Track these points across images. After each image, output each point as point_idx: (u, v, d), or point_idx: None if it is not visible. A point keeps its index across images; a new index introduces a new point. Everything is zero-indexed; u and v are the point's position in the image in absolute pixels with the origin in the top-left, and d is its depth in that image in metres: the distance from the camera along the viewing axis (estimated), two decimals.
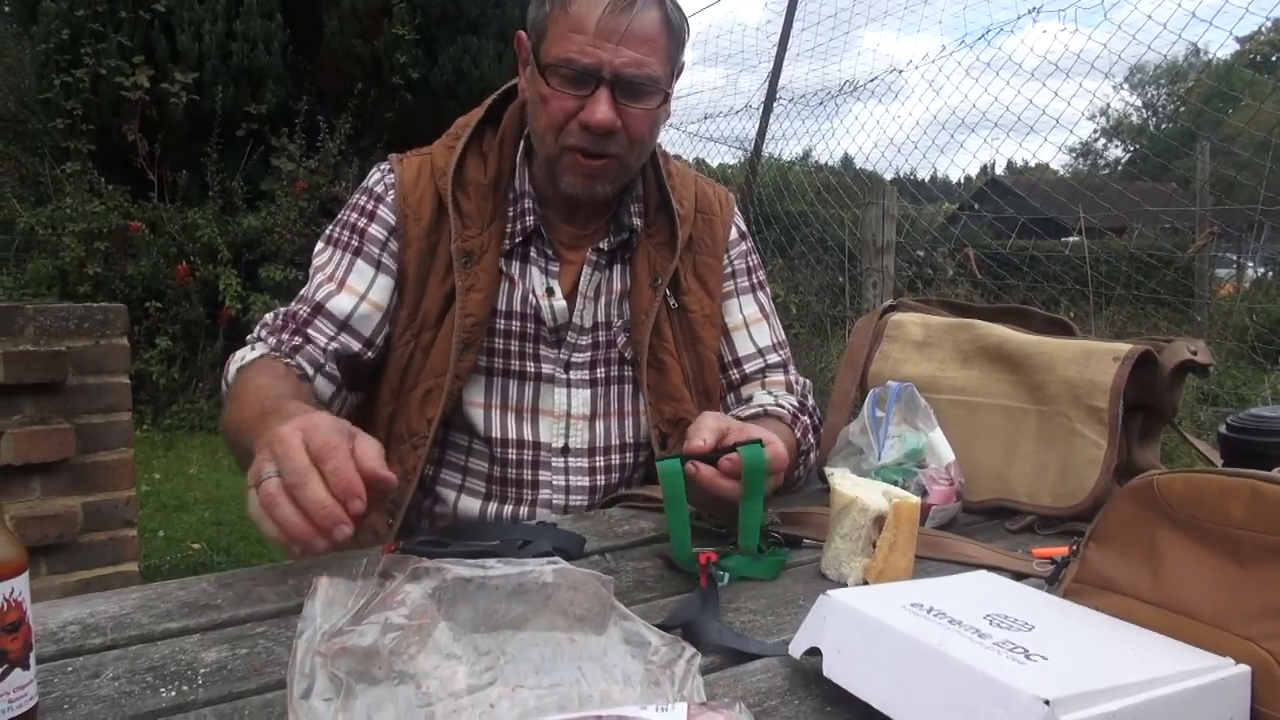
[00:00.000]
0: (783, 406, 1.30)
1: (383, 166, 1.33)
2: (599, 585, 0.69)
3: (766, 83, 6.04)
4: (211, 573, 0.92)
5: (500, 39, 6.95)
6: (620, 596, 0.88)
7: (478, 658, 0.64)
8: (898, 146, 5.15)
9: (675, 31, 1.18)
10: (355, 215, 1.29)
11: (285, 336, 1.22)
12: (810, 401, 1.39)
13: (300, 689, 0.59)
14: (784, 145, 6.32)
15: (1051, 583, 0.88)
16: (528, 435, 1.28)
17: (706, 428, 1.00)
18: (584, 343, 1.31)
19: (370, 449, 0.82)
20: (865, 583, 0.94)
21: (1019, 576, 0.96)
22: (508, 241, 1.27)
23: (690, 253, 1.34)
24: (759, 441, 0.96)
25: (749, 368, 1.39)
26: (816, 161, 6.53)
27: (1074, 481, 1.13)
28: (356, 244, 1.27)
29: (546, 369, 1.29)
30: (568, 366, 1.30)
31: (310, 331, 1.23)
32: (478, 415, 1.27)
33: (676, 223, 1.32)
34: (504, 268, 1.27)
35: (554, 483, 1.29)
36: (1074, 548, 0.84)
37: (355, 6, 6.80)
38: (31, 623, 0.66)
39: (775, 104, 6.08)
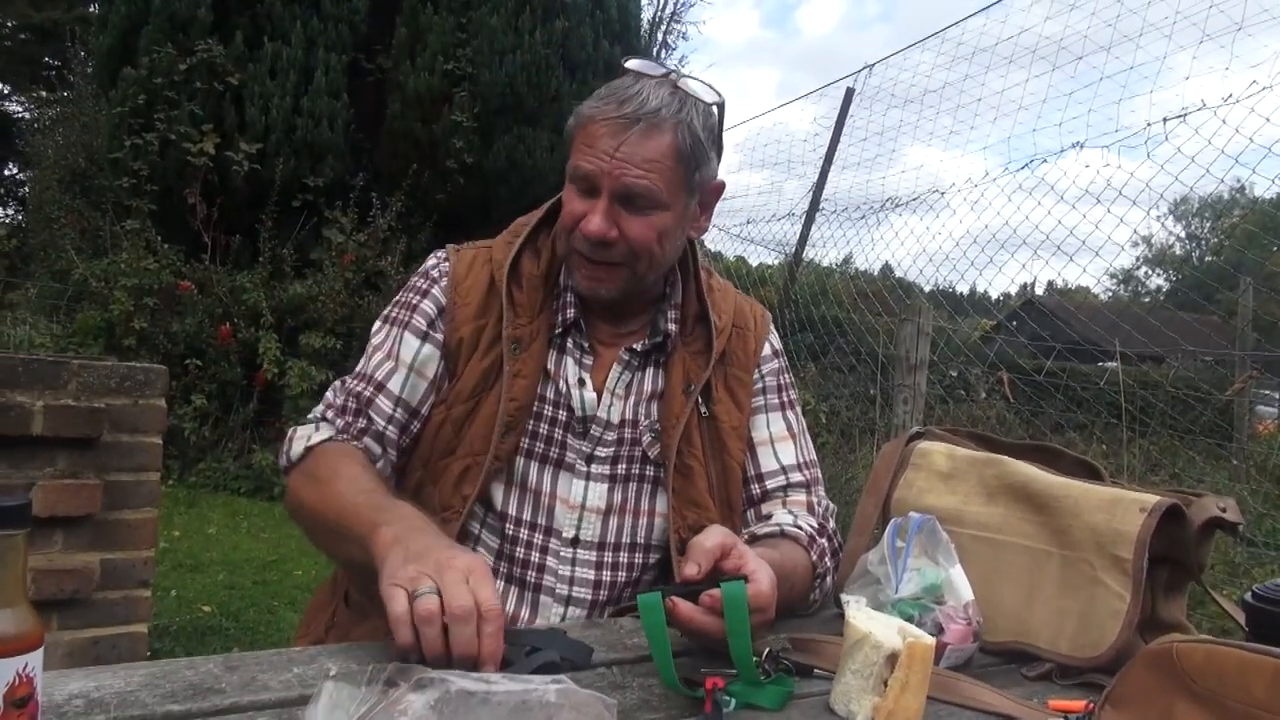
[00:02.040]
0: (800, 528, 1.29)
1: (439, 254, 1.40)
2: (602, 708, 0.69)
3: (810, 193, 6.15)
4: (219, 637, 0.93)
5: (554, 131, 7.17)
6: (624, 716, 0.87)
7: None
8: (936, 264, 5.19)
9: (686, 156, 1.24)
10: (410, 295, 1.37)
11: (350, 419, 1.30)
12: (831, 525, 1.37)
13: None
14: (824, 251, 6.40)
15: None
16: (541, 520, 1.30)
17: (703, 550, 1.00)
18: (609, 438, 1.32)
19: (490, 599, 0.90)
20: None
21: None
22: (550, 332, 1.33)
23: (723, 365, 1.37)
24: (743, 578, 0.96)
25: (770, 484, 1.38)
26: (855, 269, 6.60)
27: (1095, 632, 1.11)
28: (408, 319, 1.35)
29: (569, 458, 1.31)
30: (589, 459, 1.32)
31: (372, 413, 1.30)
32: (498, 492, 1.30)
33: (713, 333, 1.36)
34: (545, 361, 1.32)
35: (559, 571, 1.30)
36: (1090, 706, 0.82)
37: (419, 91, 7.07)
38: (40, 697, 0.66)
39: (818, 213, 6.18)
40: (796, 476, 1.39)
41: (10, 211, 16.68)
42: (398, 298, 1.38)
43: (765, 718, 0.93)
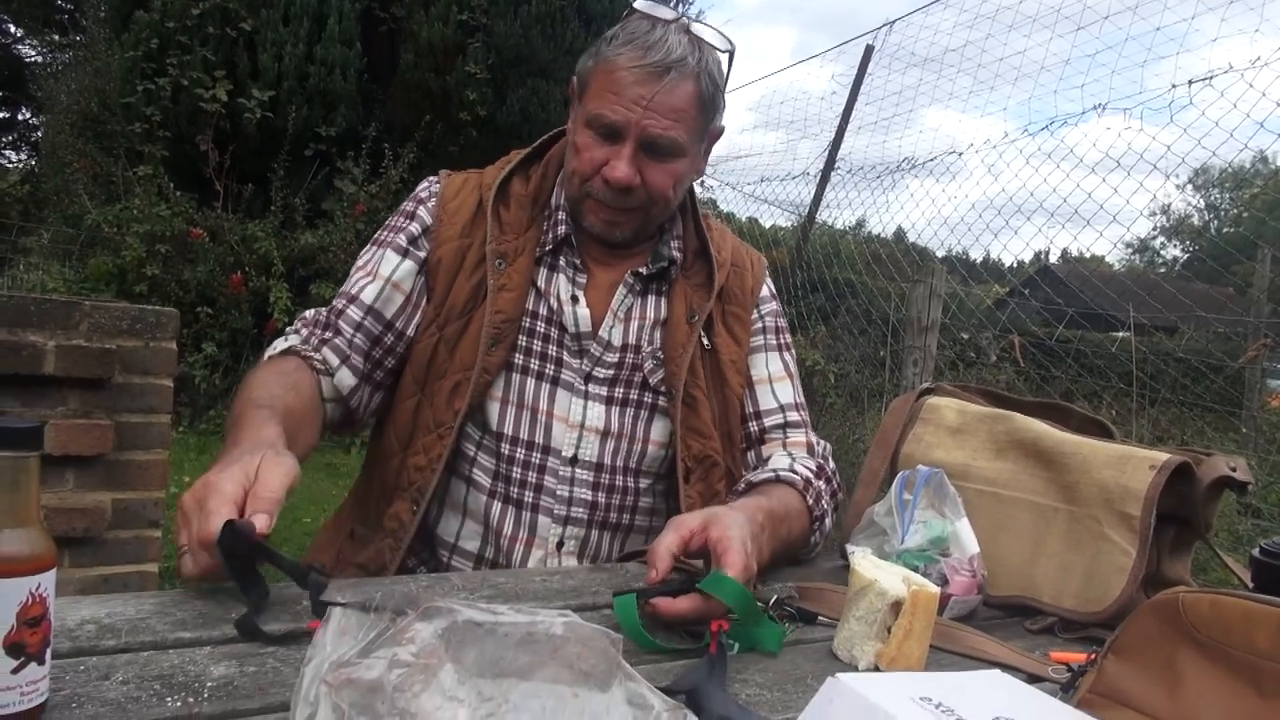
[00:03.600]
0: (797, 472, 1.30)
1: (431, 179, 1.43)
2: (608, 643, 0.69)
3: (826, 151, 6.09)
4: (227, 582, 0.94)
5: (568, 84, 7.08)
6: (628, 656, 0.87)
7: (480, 703, 0.64)
8: (951, 227, 5.15)
9: (707, 104, 1.27)
10: (397, 218, 1.39)
11: (317, 330, 1.31)
12: (830, 465, 1.39)
13: (303, 716, 0.59)
14: (838, 213, 6.35)
15: (1066, 690, 0.86)
16: (539, 438, 1.30)
17: (660, 555, 0.98)
18: (609, 359, 1.34)
19: (267, 483, 0.92)
20: (876, 668, 0.93)
21: (1034, 679, 0.94)
22: (539, 249, 1.34)
23: (722, 301, 1.40)
24: (718, 573, 0.94)
25: (769, 421, 1.40)
26: (869, 232, 6.55)
27: (1099, 587, 1.11)
28: (391, 239, 1.36)
29: (566, 376, 1.32)
30: (588, 379, 1.33)
31: (340, 322, 1.31)
32: (493, 409, 1.30)
33: (714, 267, 1.38)
34: (533, 275, 1.33)
35: (557, 491, 1.31)
36: (1092, 656, 0.83)
37: (432, 41, 6.99)
38: (52, 619, 0.67)
39: (833, 173, 6.12)
40: (794, 415, 1.41)
41: (23, 156, 16.66)
42: (388, 221, 1.40)
43: (769, 663, 0.94)
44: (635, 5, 1.26)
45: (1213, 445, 4.57)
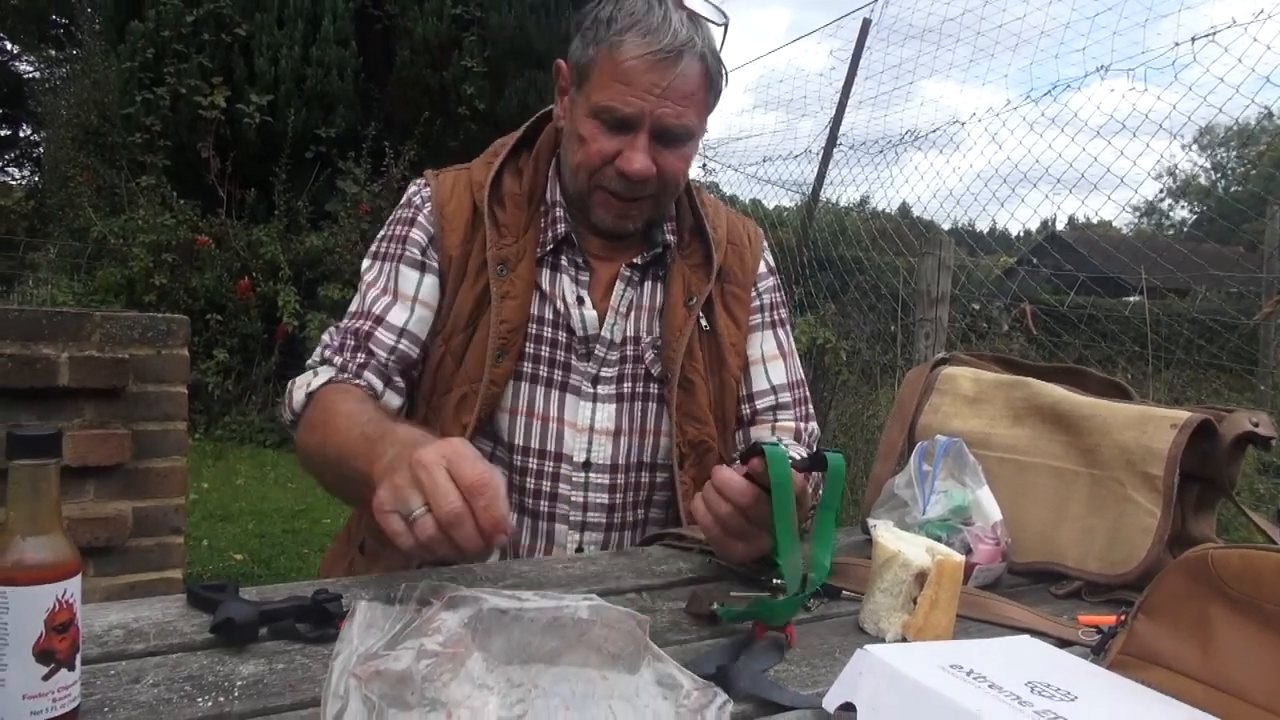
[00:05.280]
0: (792, 457, 1.30)
1: (419, 181, 1.37)
2: (634, 625, 0.69)
3: (827, 129, 6.05)
4: (251, 584, 0.94)
5: (554, 69, 7.06)
6: (655, 637, 0.87)
7: (509, 690, 0.64)
8: (956, 198, 5.11)
9: (714, 82, 1.23)
10: (396, 228, 1.33)
11: (349, 356, 1.26)
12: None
13: (334, 710, 0.59)
14: (841, 191, 6.32)
15: (1097, 652, 0.85)
16: (550, 446, 1.28)
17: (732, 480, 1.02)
18: (613, 358, 1.31)
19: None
20: (904, 639, 0.92)
21: (1063, 643, 0.94)
22: (539, 250, 1.30)
23: (720, 281, 1.37)
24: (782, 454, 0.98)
25: (760, 404, 1.39)
26: (874, 208, 6.52)
27: (1124, 549, 1.11)
28: (400, 251, 1.31)
29: (574, 380, 1.29)
30: (595, 380, 1.30)
31: (373, 346, 1.27)
32: (504, 420, 1.27)
33: (712, 247, 1.35)
34: (536, 278, 1.29)
35: (572, 498, 1.28)
36: (1122, 617, 0.82)
37: (427, 37, 6.97)
38: (80, 625, 0.67)
39: (835, 150, 6.08)
40: (785, 396, 1.40)
41: (26, 172, 16.72)
42: (384, 232, 1.34)
43: (797, 637, 0.94)
44: None
45: (1230, 404, 4.53)
